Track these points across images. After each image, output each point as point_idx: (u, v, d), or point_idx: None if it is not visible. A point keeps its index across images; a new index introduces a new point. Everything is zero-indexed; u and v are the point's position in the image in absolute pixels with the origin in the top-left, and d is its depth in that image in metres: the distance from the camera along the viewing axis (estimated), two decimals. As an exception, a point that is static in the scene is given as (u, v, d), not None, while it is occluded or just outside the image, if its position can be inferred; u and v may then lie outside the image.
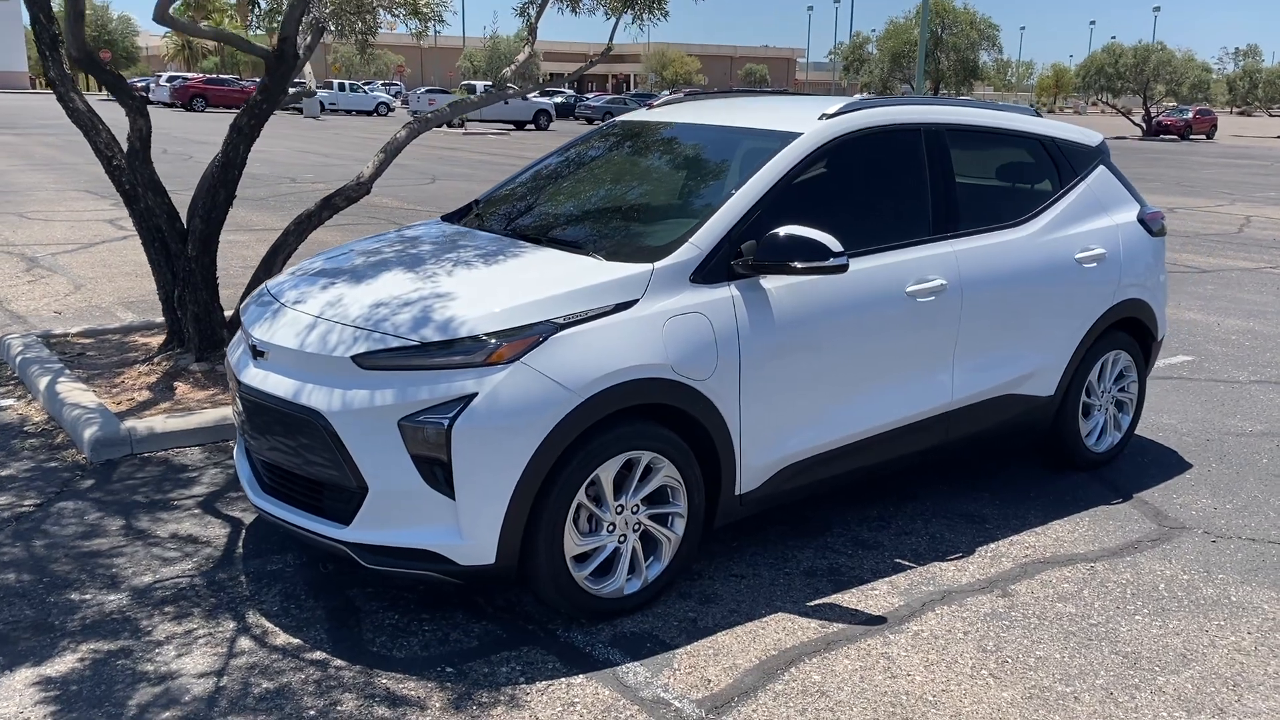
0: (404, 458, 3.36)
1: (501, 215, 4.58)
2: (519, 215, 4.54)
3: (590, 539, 3.61)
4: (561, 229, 4.30)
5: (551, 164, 4.94)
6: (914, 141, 4.53)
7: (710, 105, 5.05)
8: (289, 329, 3.68)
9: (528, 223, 4.41)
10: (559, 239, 4.12)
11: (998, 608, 3.90)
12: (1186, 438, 5.92)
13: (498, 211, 4.64)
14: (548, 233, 4.23)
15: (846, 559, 4.26)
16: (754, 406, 3.88)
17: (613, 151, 4.90)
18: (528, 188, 4.79)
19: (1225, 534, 4.63)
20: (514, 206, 4.65)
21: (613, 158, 4.85)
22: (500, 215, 4.59)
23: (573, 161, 4.92)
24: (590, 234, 4.19)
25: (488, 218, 4.60)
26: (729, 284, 3.84)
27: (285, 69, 5.46)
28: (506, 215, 4.57)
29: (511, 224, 4.43)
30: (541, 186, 4.75)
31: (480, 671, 3.39)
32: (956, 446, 4.74)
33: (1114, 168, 5.38)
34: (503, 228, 4.40)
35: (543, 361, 3.40)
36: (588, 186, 4.67)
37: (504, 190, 4.87)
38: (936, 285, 4.36)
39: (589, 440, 3.49)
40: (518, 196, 4.73)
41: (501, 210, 4.64)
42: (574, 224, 4.35)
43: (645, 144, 4.84)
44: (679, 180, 4.48)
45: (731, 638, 3.64)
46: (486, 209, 4.70)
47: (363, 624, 3.65)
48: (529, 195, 4.70)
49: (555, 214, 4.49)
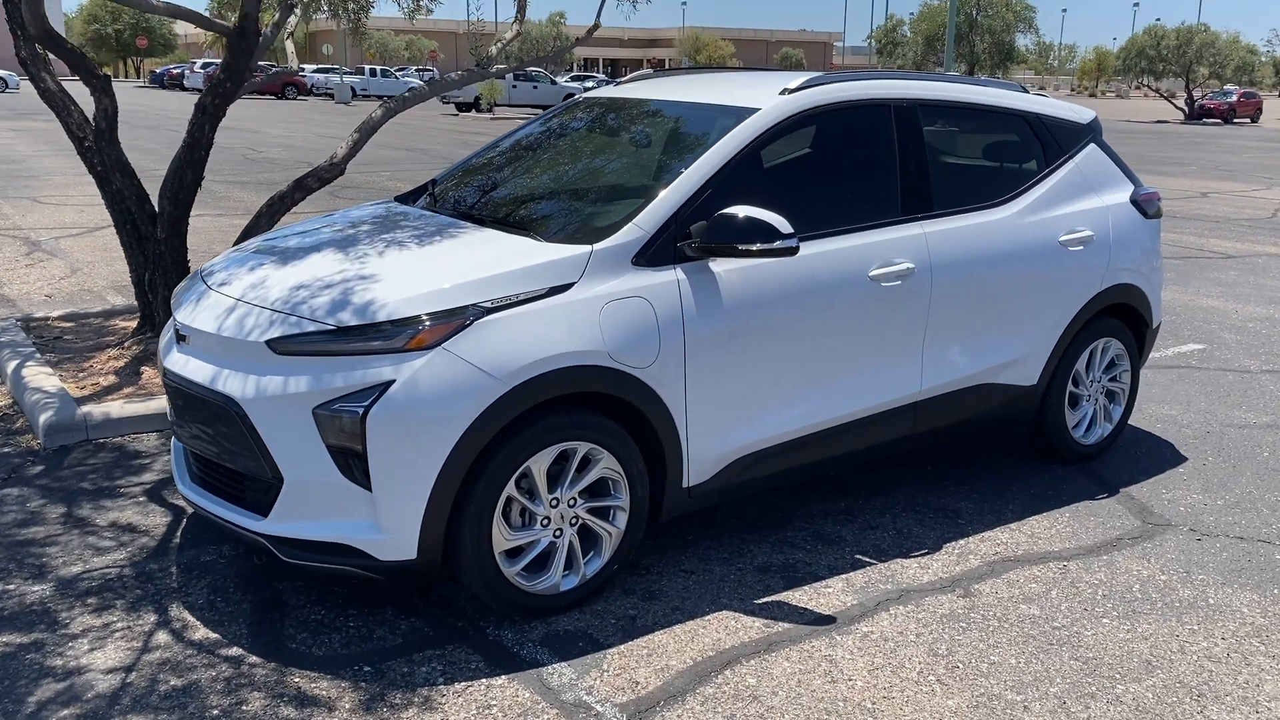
0: (319, 448, 3.22)
1: (451, 195, 4.42)
2: (468, 195, 4.38)
3: (522, 533, 3.45)
4: (508, 209, 4.13)
5: (510, 142, 4.77)
6: (883, 118, 4.31)
7: (676, 81, 4.85)
8: (210, 312, 3.54)
9: (475, 203, 4.24)
10: (503, 219, 3.95)
11: (957, 608, 3.70)
12: (1185, 429, 5.66)
13: (449, 191, 4.48)
14: (493, 213, 4.06)
15: (804, 554, 4.08)
16: (701, 395, 3.70)
17: (572, 129, 4.72)
18: (483, 166, 4.62)
19: (1212, 532, 4.39)
20: (466, 186, 4.48)
21: (571, 135, 4.67)
22: (450, 195, 4.43)
23: (531, 139, 4.74)
24: (536, 214, 4.02)
25: (438, 198, 4.44)
26: (675, 267, 3.65)
27: (247, 46, 5.32)
28: (456, 195, 4.41)
29: (459, 204, 4.27)
30: (497, 165, 4.58)
31: (399, 671, 3.24)
32: (928, 438, 4.53)
33: (1106, 146, 5.13)
34: (450, 208, 4.24)
35: (466, 347, 3.23)
36: (541, 165, 4.50)
37: (460, 169, 4.70)
38: (903, 269, 4.15)
39: (518, 430, 3.33)
40: (472, 176, 4.57)
41: (453, 190, 4.48)
42: (521, 204, 4.17)
43: (604, 121, 4.65)
44: (632, 158, 4.30)
45: (669, 637, 3.47)
46: (439, 189, 4.53)
47: (287, 619, 3.52)
48: (483, 174, 4.53)
49: (504, 193, 4.32)
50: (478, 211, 4.09)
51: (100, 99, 5.56)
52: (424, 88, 6.60)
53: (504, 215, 4.02)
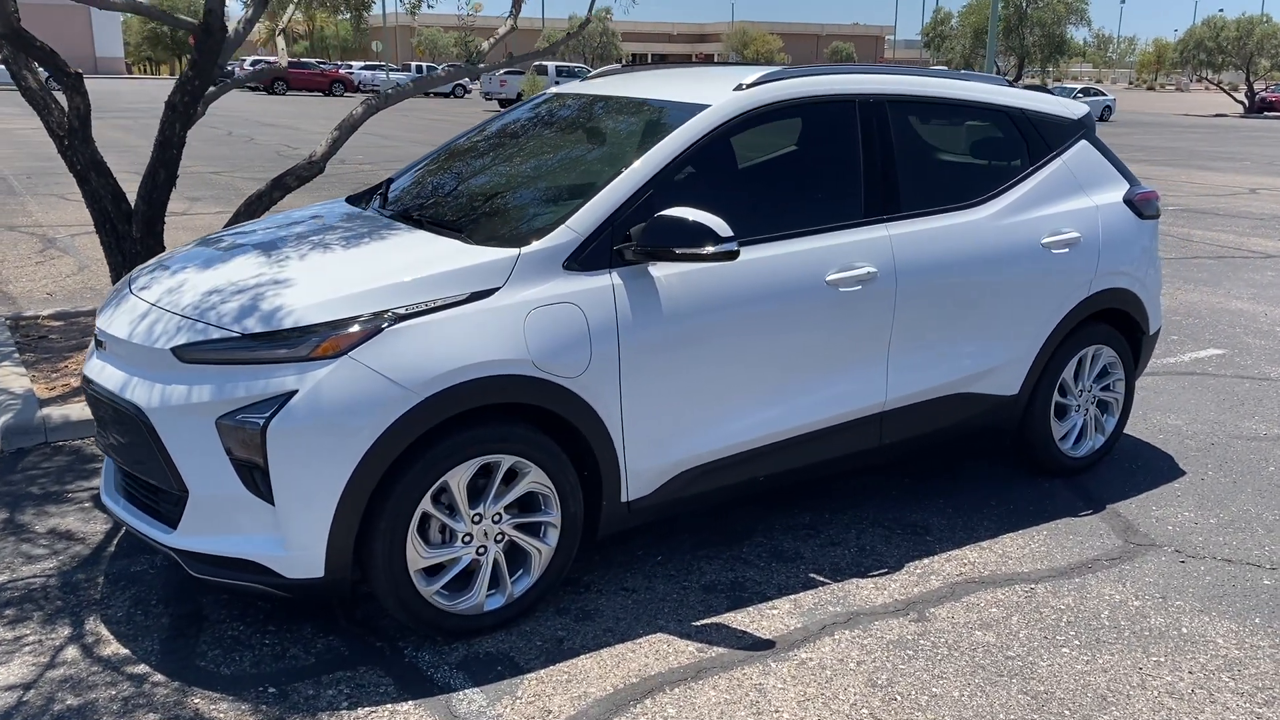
0: (223, 459, 3.09)
1: (398, 194, 4.28)
2: (413, 195, 4.23)
3: (440, 551, 3.30)
4: (447, 210, 3.97)
5: (466, 140, 4.62)
6: (846, 115, 4.10)
7: (639, 77, 4.67)
8: (125, 318, 3.44)
9: (418, 203, 4.09)
10: (440, 221, 3.80)
11: (907, 634, 3.49)
12: (1189, 441, 5.37)
13: (397, 190, 4.34)
14: (432, 214, 3.91)
15: (756, 573, 3.88)
16: (639, 406, 3.52)
17: (528, 126, 4.55)
18: (436, 164, 4.47)
19: (1199, 553, 4.12)
20: (414, 185, 4.34)
21: (526, 133, 4.50)
22: (397, 194, 4.28)
23: (486, 137, 4.58)
24: (474, 215, 3.86)
25: (386, 197, 4.30)
26: (611, 271, 3.48)
27: (213, 43, 5.23)
28: (402, 195, 4.27)
29: (402, 204, 4.13)
30: (448, 163, 4.43)
31: (304, 693, 3.11)
32: (898, 450, 4.31)
33: (1099, 143, 4.86)
34: (391, 208, 4.10)
35: (374, 356, 3.09)
36: (491, 163, 4.33)
37: (414, 168, 4.56)
38: (863, 273, 3.93)
39: (434, 443, 3.18)
40: (423, 174, 4.42)
41: (400, 190, 4.34)
42: (463, 204, 4.02)
43: (561, 119, 4.48)
44: (580, 157, 4.12)
45: (594, 661, 3.30)
46: (389, 188, 4.39)
47: (202, 635, 3.40)
48: (433, 173, 4.39)
49: (448, 193, 4.16)
50: (418, 212, 3.94)
51: (72, 97, 5.50)
52: (408, 85, 6.48)
53: (442, 216, 3.87)
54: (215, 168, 17.51)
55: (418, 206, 4.02)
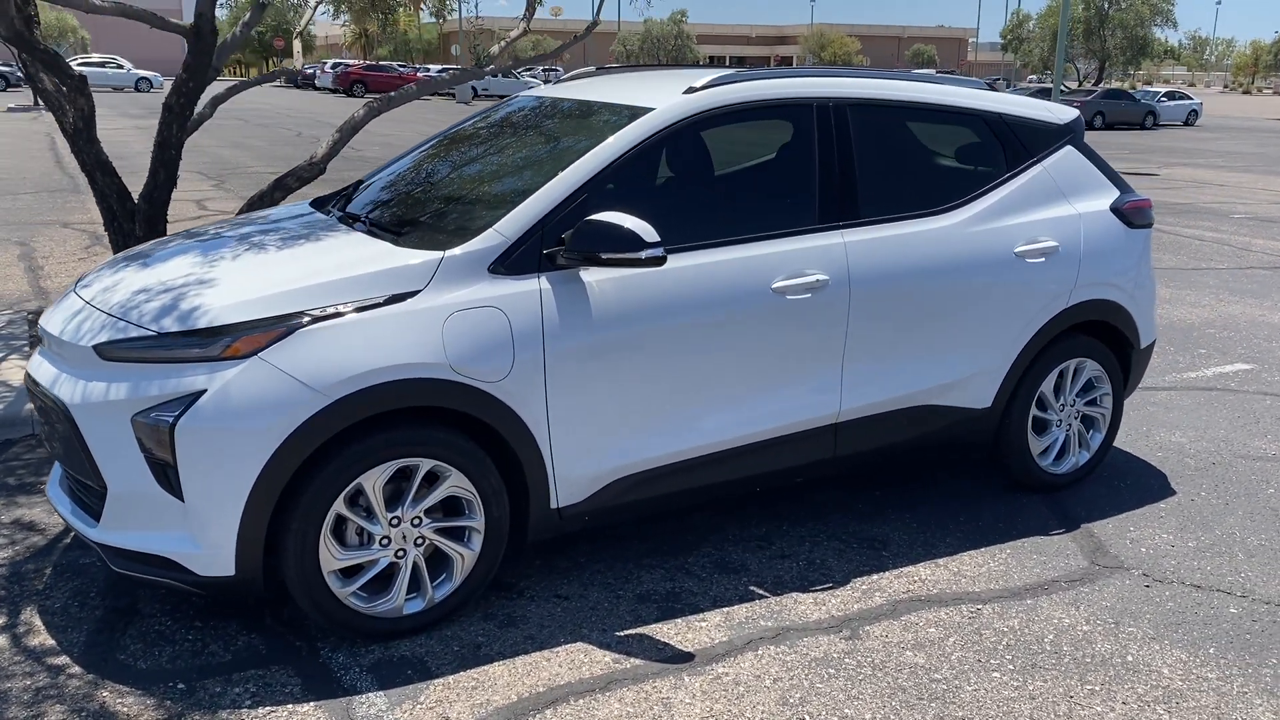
0: (139, 457, 3.13)
1: (356, 197, 4.30)
2: (367, 197, 4.24)
3: (356, 552, 3.30)
4: (393, 213, 3.98)
5: (430, 144, 4.62)
6: (802, 119, 4.01)
7: (607, 80, 4.63)
8: (61, 315, 3.51)
9: (368, 207, 4.10)
10: (381, 224, 3.81)
11: (834, 652, 3.40)
12: (1188, 459, 5.16)
13: (360, 193, 4.36)
14: (376, 217, 3.92)
15: (696, 583, 3.82)
16: (568, 412, 3.49)
17: (486, 130, 4.53)
18: (397, 169, 4.48)
19: (1167, 578, 3.95)
20: (373, 189, 4.35)
21: (482, 137, 4.48)
22: (357, 198, 4.30)
23: (447, 139, 4.58)
24: (413, 218, 3.86)
25: (349, 199, 4.32)
26: (539, 276, 3.45)
27: (204, 46, 5.33)
28: (359, 197, 4.28)
29: (354, 207, 4.15)
30: (408, 168, 4.43)
31: (211, 690, 3.13)
32: (856, 462, 4.20)
33: (1087, 149, 4.69)
34: (341, 210, 4.12)
35: (285, 357, 3.10)
36: (444, 167, 4.32)
37: (379, 172, 4.58)
38: (812, 281, 3.84)
39: (347, 445, 3.18)
40: (385, 179, 4.43)
41: (359, 192, 4.36)
42: (408, 208, 4.02)
43: (516, 122, 4.46)
44: (523, 161, 4.09)
45: (506, 669, 3.27)
46: (354, 190, 4.42)
47: (130, 629, 3.45)
48: (392, 177, 4.40)
49: (397, 196, 4.17)
50: (365, 215, 3.95)
51: (76, 99, 5.65)
52: (410, 89, 6.53)
53: (385, 219, 3.88)
54: (274, 168, 17.85)
55: (368, 209, 4.03)
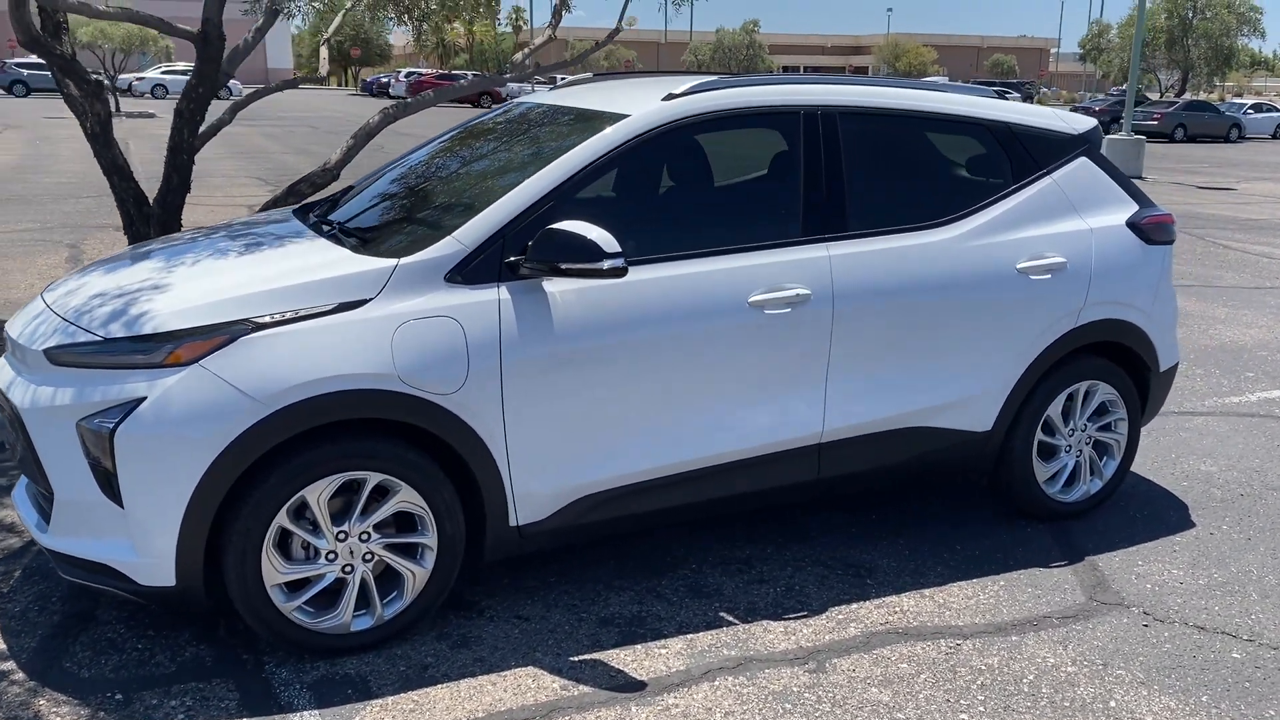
0: (84, 463, 3.10)
1: (340, 205, 4.25)
2: (347, 205, 4.19)
3: (301, 566, 3.23)
4: (363, 220, 3.90)
5: (420, 151, 4.55)
6: (787, 127, 3.86)
7: (596, 87, 4.51)
8: (23, 318, 3.50)
9: (343, 213, 4.04)
10: (348, 230, 3.75)
11: (794, 686, 3.23)
12: (1215, 490, 4.87)
13: (343, 200, 4.31)
14: (346, 224, 3.85)
15: (665, 607, 3.68)
16: (527, 427, 3.38)
17: (471, 137, 4.45)
18: (387, 174, 4.42)
19: (1168, 617, 3.71)
20: (356, 195, 4.29)
21: (466, 144, 4.40)
22: (339, 205, 4.25)
23: (434, 147, 4.50)
24: (380, 225, 3.80)
25: (333, 205, 4.27)
26: (499, 285, 3.35)
27: (212, 52, 5.35)
28: (341, 203, 4.23)
29: (327, 213, 4.09)
30: (391, 174, 4.37)
31: (147, 703, 3.08)
32: (843, 485, 4.03)
33: (1104, 160, 4.46)
34: (317, 217, 4.07)
35: (225, 365, 3.04)
36: (422, 173, 4.25)
37: (368, 178, 4.52)
38: (793, 295, 3.69)
39: (289, 456, 3.11)
40: (367, 185, 4.38)
41: (346, 199, 4.31)
42: (378, 214, 3.95)
43: (500, 129, 4.37)
44: (497, 168, 3.99)
45: (449, 692, 3.17)
46: (341, 197, 4.37)
47: (82, 636, 3.42)
48: (374, 184, 4.33)
49: (371, 204, 4.10)
50: (335, 221, 3.89)
51: (92, 104, 5.71)
52: (428, 95, 6.50)
53: (351, 226, 3.81)
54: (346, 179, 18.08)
55: (339, 216, 3.98)
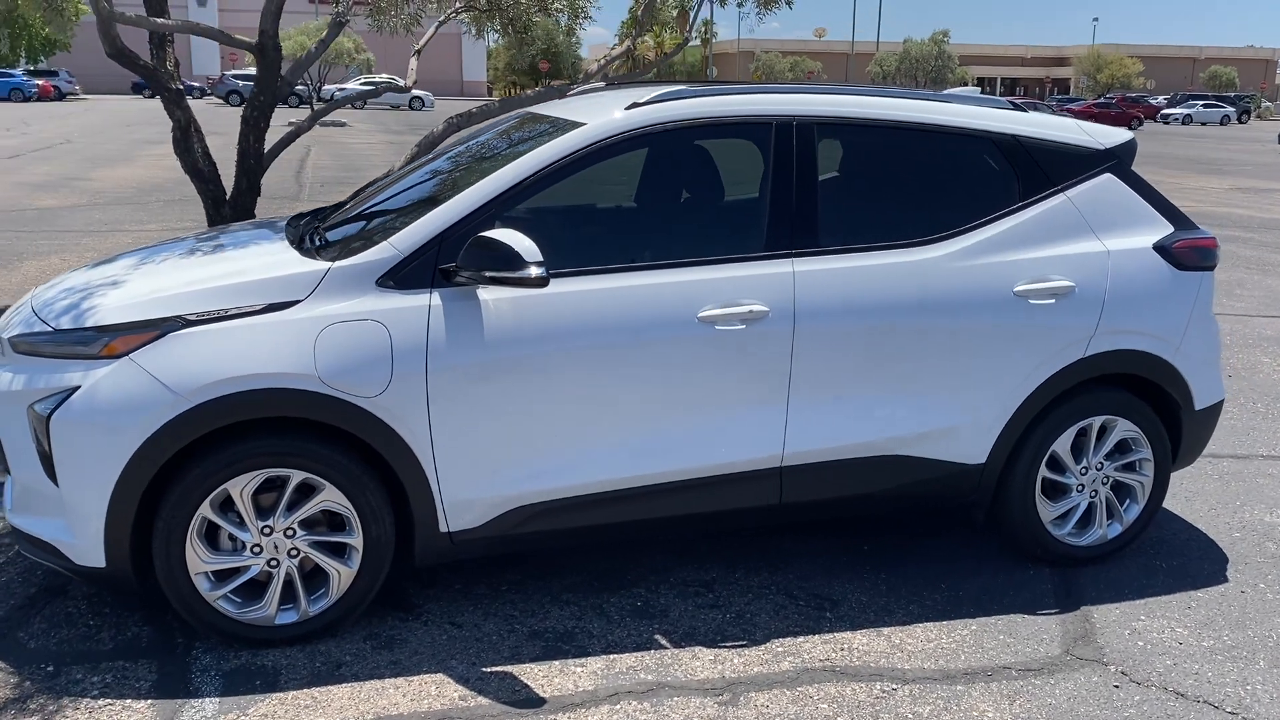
0: (32, 445, 3.30)
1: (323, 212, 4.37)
2: (330, 211, 4.30)
3: (225, 557, 3.33)
4: (327, 226, 3.99)
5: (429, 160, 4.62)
6: (759, 138, 3.72)
7: (585, 96, 4.47)
8: (10, 311, 3.75)
9: (323, 219, 4.15)
10: (308, 236, 3.85)
11: (696, 717, 3.11)
12: (1270, 545, 4.40)
13: (327, 207, 4.43)
14: (315, 229, 3.96)
15: (601, 625, 3.61)
16: (455, 433, 3.38)
17: (458, 145, 4.49)
18: (385, 182, 4.52)
19: (1147, 680, 3.37)
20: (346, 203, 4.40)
21: (458, 152, 4.42)
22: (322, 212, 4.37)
23: (439, 153, 4.57)
24: (341, 229, 3.88)
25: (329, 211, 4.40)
26: (431, 291, 3.37)
27: (269, 62, 5.60)
28: (327, 211, 4.36)
29: (305, 219, 4.22)
30: (383, 182, 4.46)
31: (72, 677, 3.24)
32: (810, 512, 3.85)
33: (1134, 177, 4.10)
34: (294, 224, 4.18)
35: (152, 359, 3.18)
36: (403, 180, 4.30)
37: (370, 185, 4.63)
38: (745, 311, 3.55)
39: (212, 450, 3.22)
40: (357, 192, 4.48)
41: (331, 207, 4.43)
42: (345, 221, 4.02)
43: (491, 139, 4.37)
44: (455, 176, 4.00)
45: (350, 692, 3.20)
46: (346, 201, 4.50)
47: (44, 610, 3.62)
48: (363, 191, 4.44)
49: (347, 210, 4.19)
50: (306, 227, 4.01)
51: (173, 111, 6.07)
52: (494, 103, 6.61)
53: (315, 232, 3.91)
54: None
55: (312, 223, 4.09)
